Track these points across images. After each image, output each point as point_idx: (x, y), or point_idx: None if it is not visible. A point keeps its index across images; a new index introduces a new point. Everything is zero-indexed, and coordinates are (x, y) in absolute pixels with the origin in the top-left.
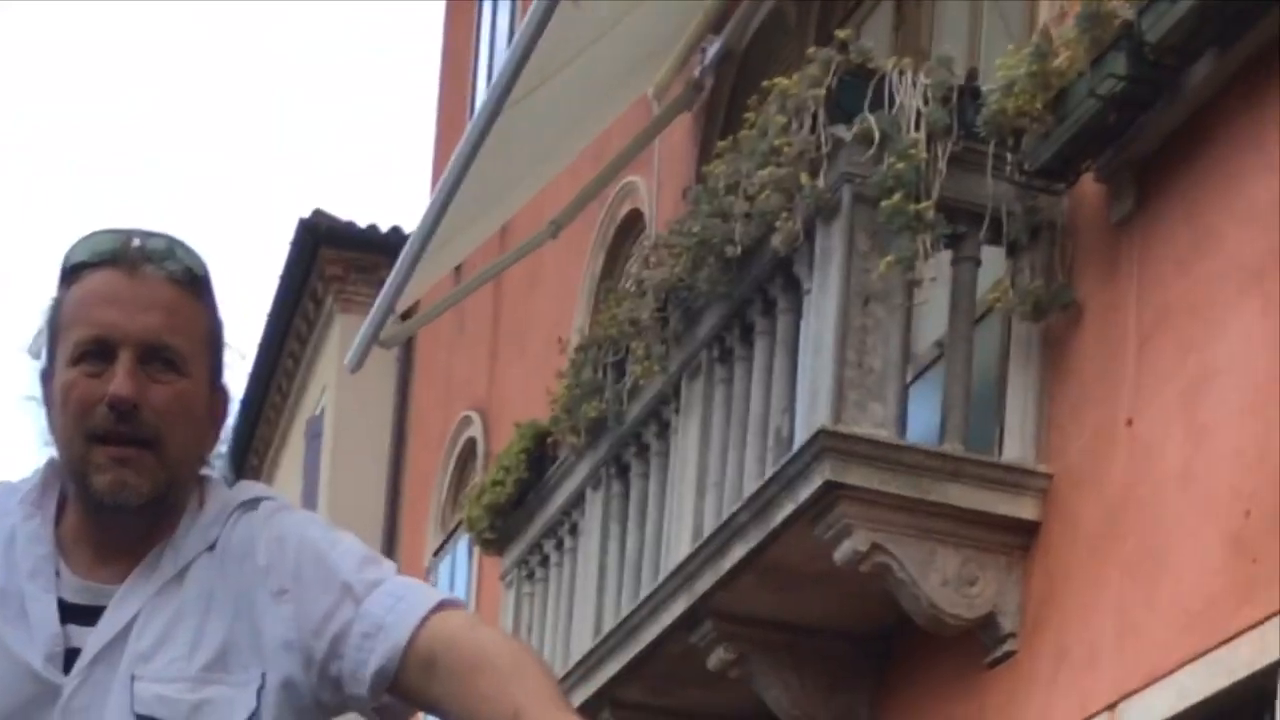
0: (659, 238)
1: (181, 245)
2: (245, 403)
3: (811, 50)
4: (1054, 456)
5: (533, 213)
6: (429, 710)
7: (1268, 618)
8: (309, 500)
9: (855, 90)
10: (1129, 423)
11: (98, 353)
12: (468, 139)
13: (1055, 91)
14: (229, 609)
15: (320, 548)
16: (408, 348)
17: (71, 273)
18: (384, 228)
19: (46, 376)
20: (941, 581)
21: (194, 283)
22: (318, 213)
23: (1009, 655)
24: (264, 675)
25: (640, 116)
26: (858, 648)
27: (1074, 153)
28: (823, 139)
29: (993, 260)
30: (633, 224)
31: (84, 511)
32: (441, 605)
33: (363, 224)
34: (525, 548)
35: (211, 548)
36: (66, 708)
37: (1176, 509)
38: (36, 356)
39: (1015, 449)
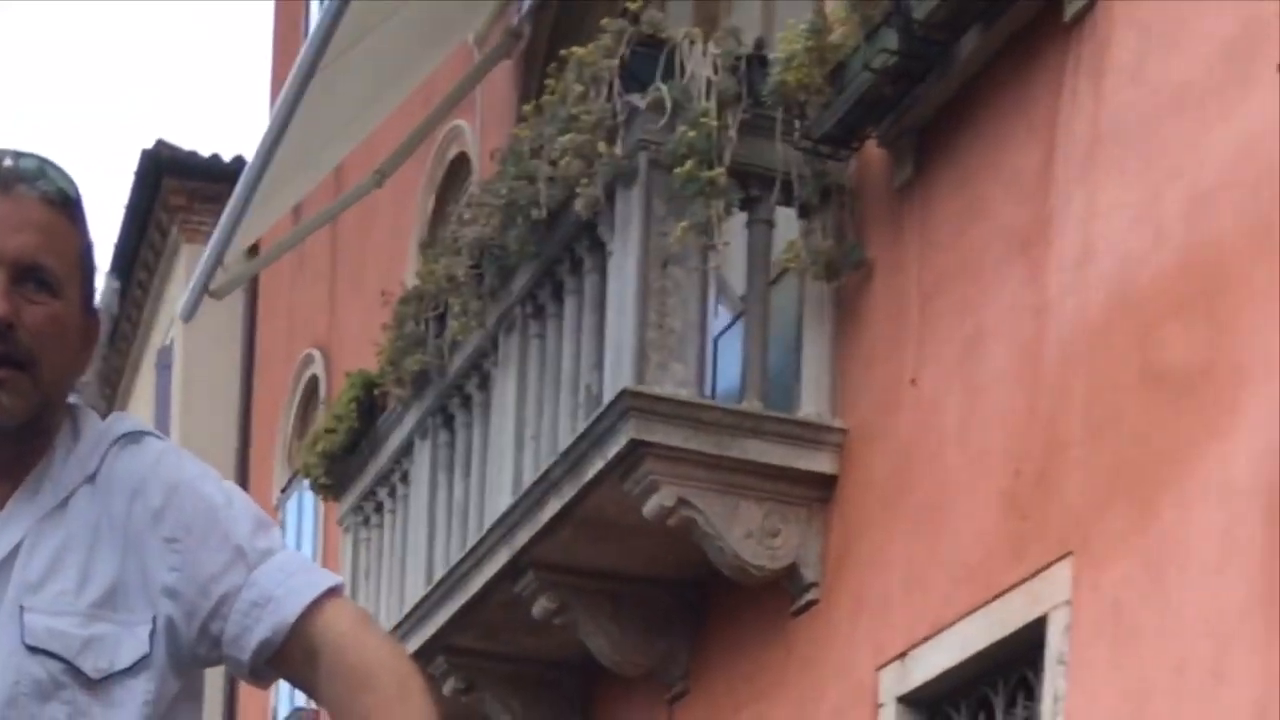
0: (471, 196)
1: (53, 166)
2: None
3: (605, 21)
4: (848, 412)
5: (365, 156)
6: (302, 691)
7: (1036, 572)
8: (161, 432)
9: (647, 60)
10: (913, 381)
11: None
12: (290, 87)
13: (832, 65)
14: (118, 545)
15: (215, 503)
16: (253, 282)
17: None
18: (227, 157)
19: None
20: (745, 534)
21: (66, 204)
22: (160, 143)
23: (812, 604)
24: (154, 619)
25: (463, 63)
26: (675, 596)
27: (855, 121)
28: (618, 107)
29: (790, 222)
30: (460, 168)
31: None
32: (331, 591)
33: (206, 153)
34: (360, 495)
35: (91, 479)
36: None
37: (956, 466)
38: None
39: (812, 405)
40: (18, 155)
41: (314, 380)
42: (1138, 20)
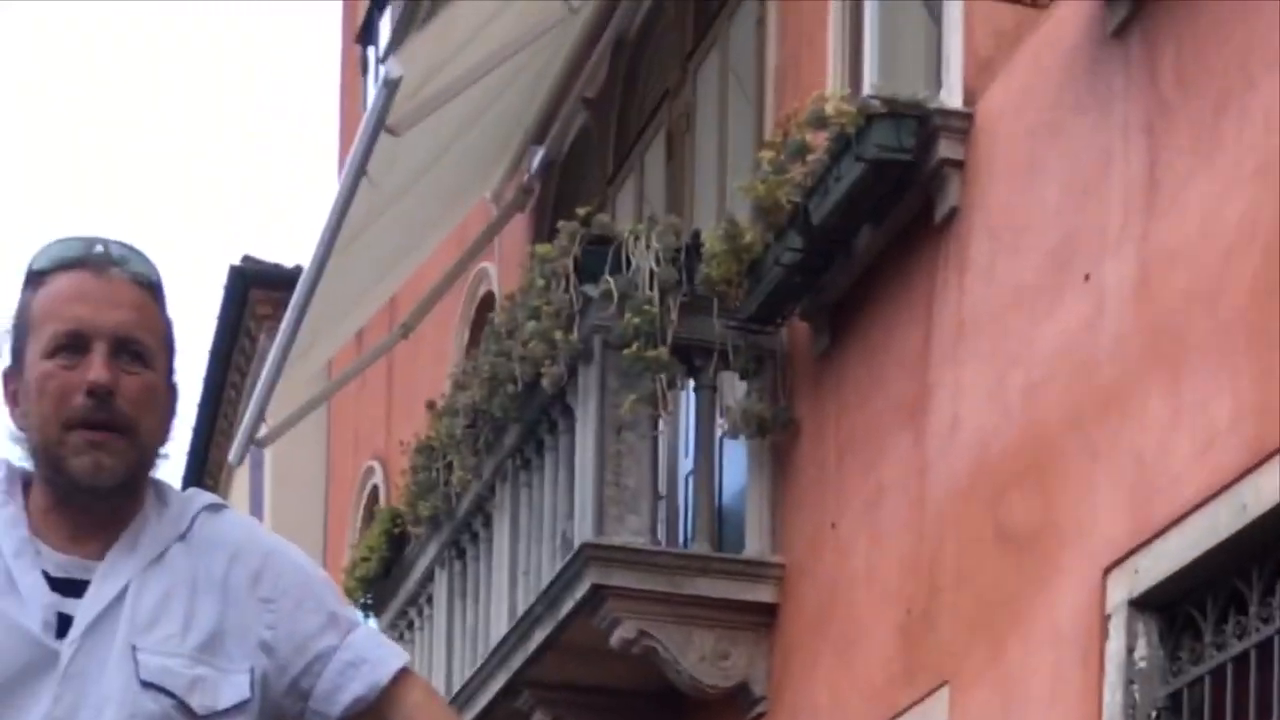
0: (464, 365)
1: (139, 253)
2: (196, 431)
3: (561, 224)
4: (785, 549)
5: (401, 298)
6: None
7: (923, 697)
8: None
9: (598, 256)
10: (833, 525)
11: (72, 346)
12: (314, 262)
13: (747, 263)
14: (216, 598)
15: (308, 572)
16: None
17: (38, 277)
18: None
19: (8, 376)
20: (699, 658)
21: (152, 287)
22: (246, 258)
23: (761, 716)
24: (251, 669)
25: (482, 216)
26: (650, 710)
27: (774, 305)
28: (574, 298)
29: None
30: (489, 303)
31: (56, 495)
32: (407, 665)
33: (289, 265)
34: (394, 613)
35: (183, 538)
36: (66, 672)
37: (864, 601)
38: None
39: (755, 544)
40: (108, 243)
41: (375, 489)
42: (989, 225)
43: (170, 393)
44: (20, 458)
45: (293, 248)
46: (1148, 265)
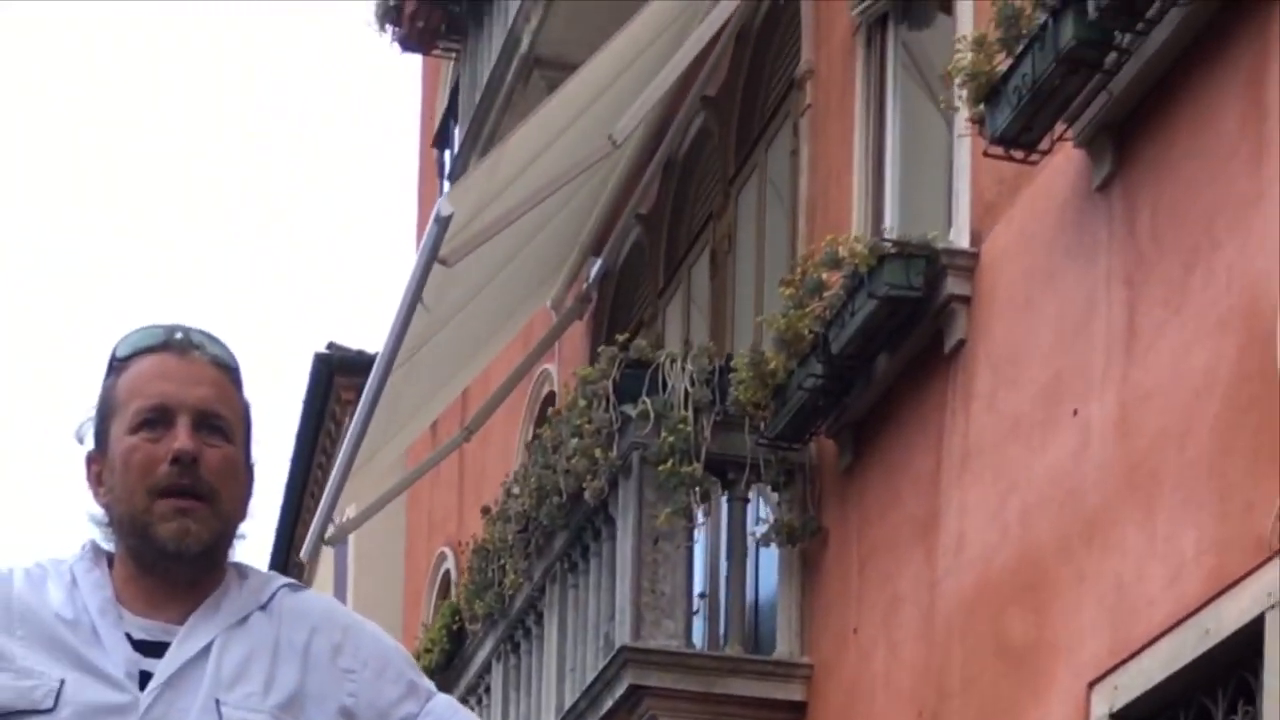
0: (515, 474)
1: (217, 339)
2: (283, 513)
3: (601, 348)
4: (813, 650)
5: (465, 398)
6: None
7: None
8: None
9: (636, 378)
10: (855, 631)
11: (157, 420)
12: (372, 383)
13: (773, 387)
14: (297, 664)
15: (386, 645)
16: None
17: (120, 363)
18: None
19: (91, 459)
20: None
21: (230, 369)
22: (331, 345)
23: None
24: None
25: (543, 323)
26: None
27: (800, 424)
28: (614, 417)
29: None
30: (551, 402)
31: (140, 565)
32: None
33: (371, 351)
34: None
35: (263, 608)
36: (144, 718)
37: (882, 702)
38: (81, 441)
39: (785, 646)
40: (187, 329)
41: (446, 574)
42: (992, 358)
43: (249, 470)
44: (103, 539)
45: (375, 334)
46: (1126, 405)
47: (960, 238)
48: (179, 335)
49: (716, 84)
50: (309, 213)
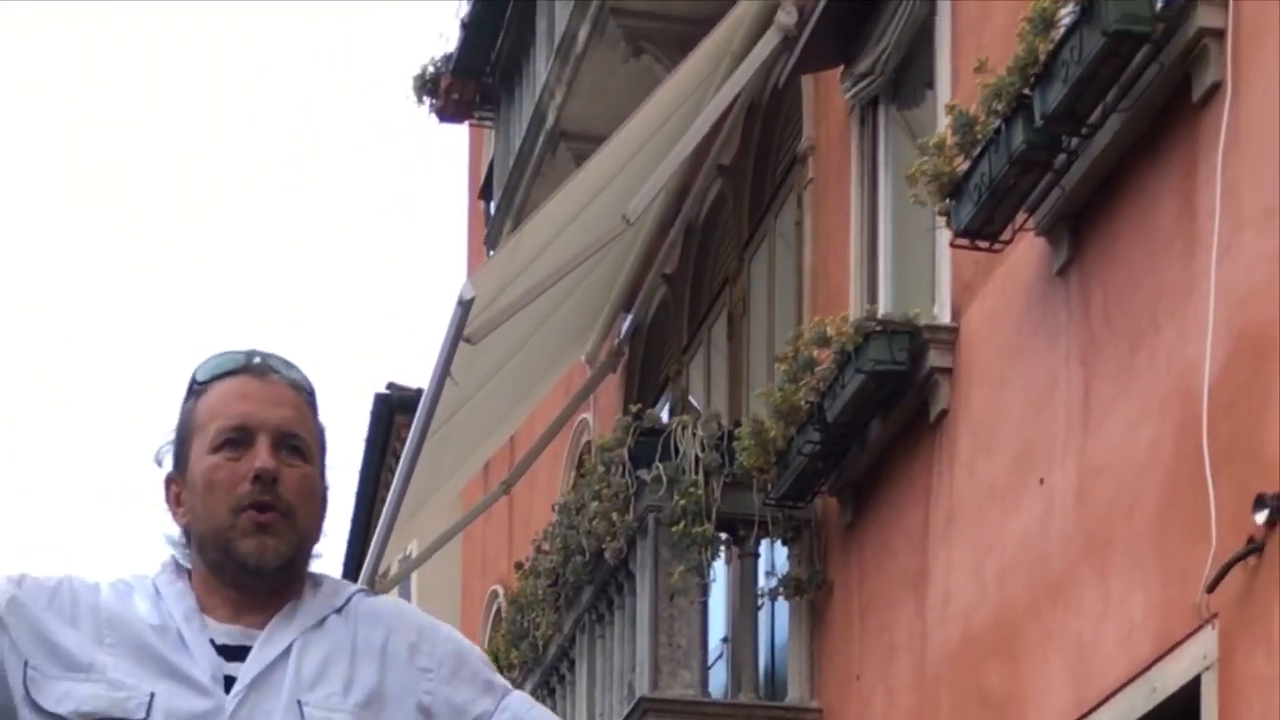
0: (545, 532)
1: (294, 364)
2: (349, 546)
3: (617, 418)
4: (821, 694)
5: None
6: None
7: None
8: None
9: (650, 445)
10: (858, 677)
11: (238, 440)
12: (407, 454)
13: (775, 453)
14: (375, 665)
15: (461, 644)
16: None
17: (200, 386)
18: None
19: (170, 481)
20: None
21: (306, 392)
22: (391, 385)
23: None
24: None
25: (579, 376)
26: None
27: (802, 485)
28: (630, 482)
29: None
30: (589, 450)
31: (221, 580)
32: None
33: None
34: None
35: (339, 611)
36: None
37: None
38: (160, 464)
39: (796, 692)
40: (265, 354)
41: (499, 610)
42: (971, 427)
43: (324, 491)
44: (178, 554)
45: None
46: (1084, 476)
47: (943, 313)
48: (258, 360)
49: (730, 153)
50: (367, 256)
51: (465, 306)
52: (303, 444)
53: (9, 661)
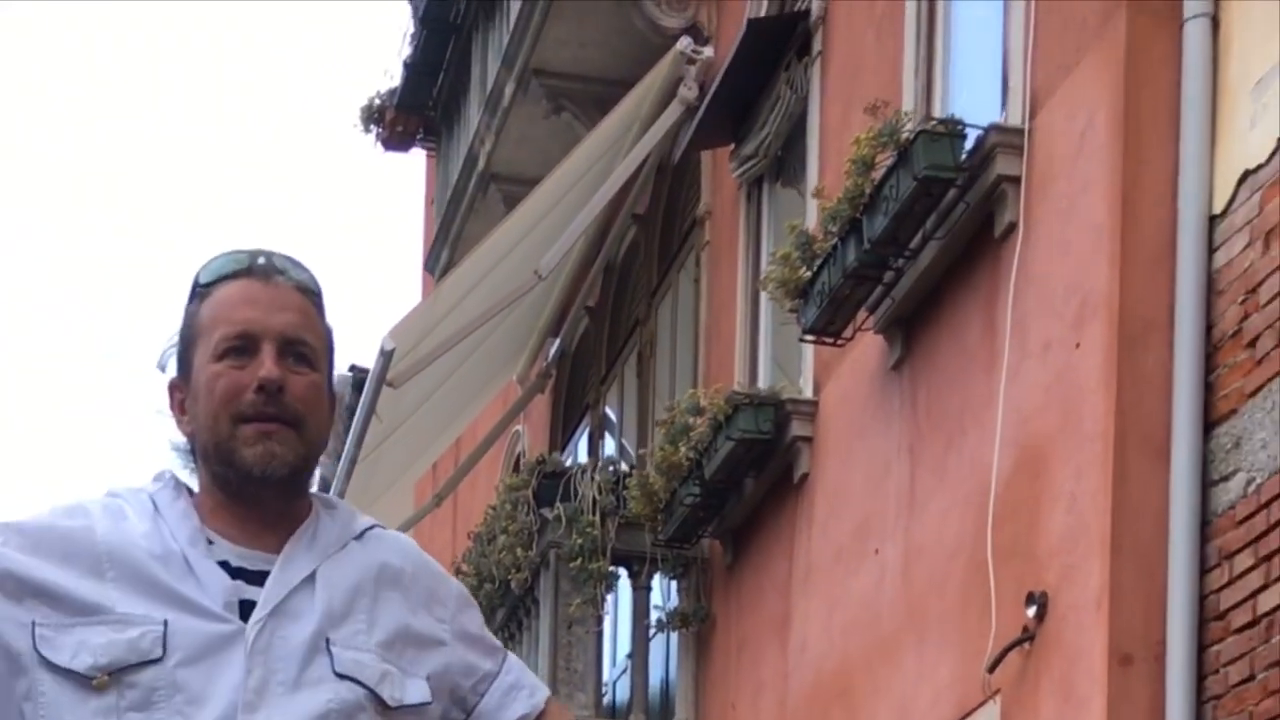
0: (462, 555)
1: (301, 264)
2: None
3: (522, 461)
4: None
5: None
6: None
7: None
8: None
9: (552, 487)
10: (733, 706)
11: (241, 348)
12: (346, 454)
13: (660, 504)
14: (397, 604)
15: (465, 595)
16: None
17: (203, 289)
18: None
19: (174, 387)
20: None
21: (314, 294)
22: (353, 367)
23: None
24: (429, 677)
25: (510, 395)
26: None
27: (687, 530)
28: (534, 520)
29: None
30: (522, 459)
31: (226, 493)
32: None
33: None
34: None
35: (358, 538)
36: (253, 649)
37: None
38: (163, 369)
39: (682, 714)
40: (270, 254)
41: None
42: (826, 492)
43: (331, 398)
44: (183, 466)
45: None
46: (908, 552)
47: (807, 387)
48: (262, 260)
49: (643, 204)
50: (326, 239)
51: (386, 356)
52: (310, 350)
53: (10, 634)
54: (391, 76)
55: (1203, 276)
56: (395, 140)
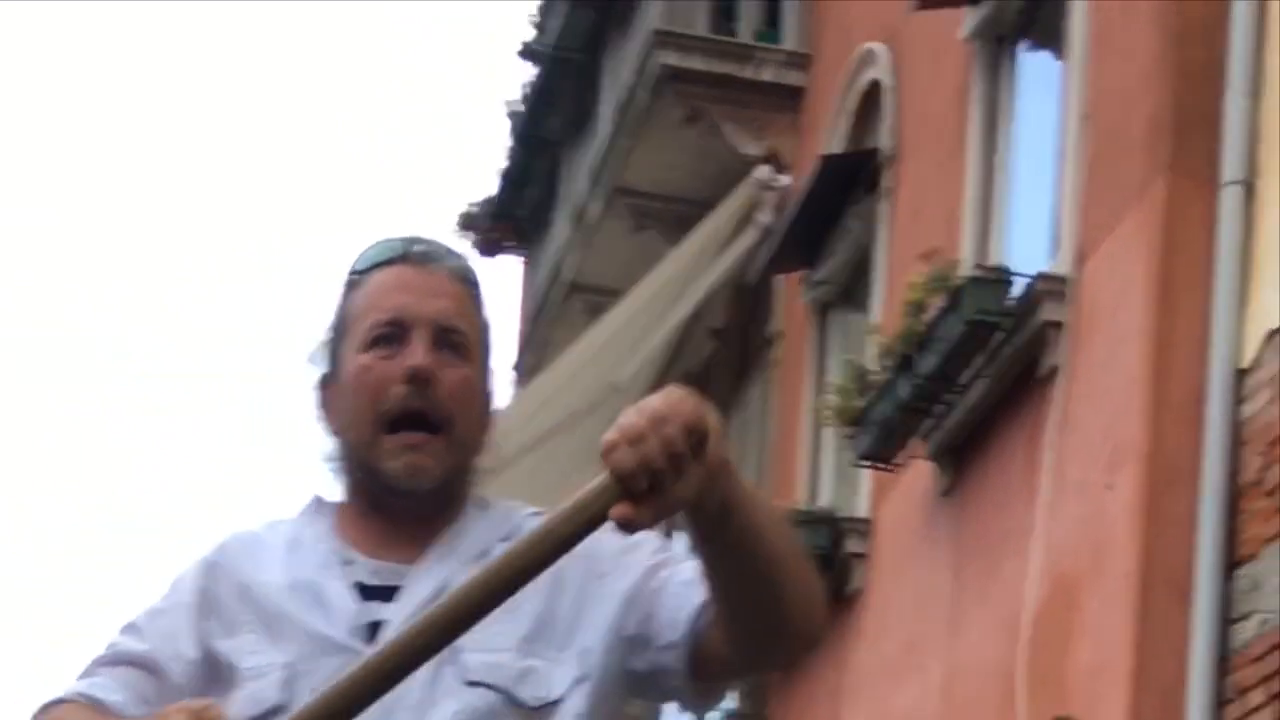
0: None
1: (458, 252)
2: None
3: None
4: None
5: None
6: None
7: None
8: None
9: None
10: None
11: (392, 336)
12: None
13: None
14: (543, 589)
15: (625, 541)
16: None
17: (357, 276)
18: None
19: (325, 382)
20: None
21: (471, 283)
22: None
23: None
24: (583, 651)
25: None
26: None
27: None
28: None
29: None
30: None
31: (370, 501)
32: None
33: None
34: None
35: (506, 539)
36: None
37: None
38: (315, 365)
39: None
40: (427, 240)
41: None
42: (876, 610)
43: (487, 397)
44: (333, 472)
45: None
46: (952, 672)
47: (861, 508)
48: (418, 247)
49: (719, 319)
50: None
51: None
52: (464, 340)
53: (222, 646)
54: (487, 187)
55: (1230, 428)
56: (488, 246)
